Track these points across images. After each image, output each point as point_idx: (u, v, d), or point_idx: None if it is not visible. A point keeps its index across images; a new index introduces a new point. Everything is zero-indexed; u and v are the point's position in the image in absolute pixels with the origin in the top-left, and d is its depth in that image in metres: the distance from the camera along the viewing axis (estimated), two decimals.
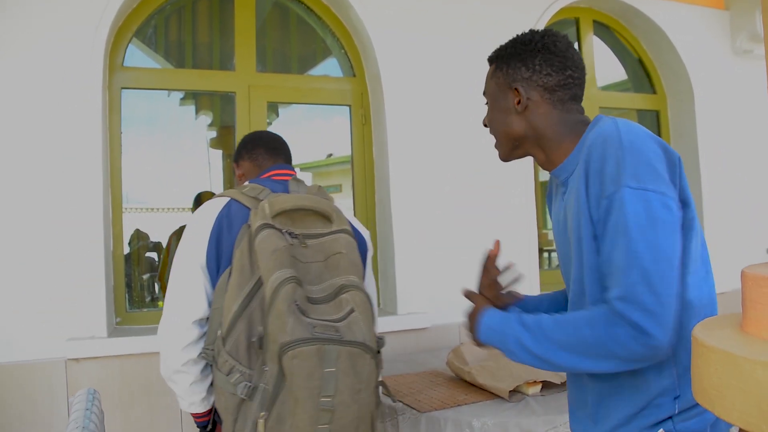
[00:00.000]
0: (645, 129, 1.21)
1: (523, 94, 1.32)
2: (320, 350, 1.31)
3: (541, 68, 1.31)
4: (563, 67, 1.31)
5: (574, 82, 1.33)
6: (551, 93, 1.32)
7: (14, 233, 2.58)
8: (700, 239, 1.23)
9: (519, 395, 2.18)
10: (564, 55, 1.32)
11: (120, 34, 2.95)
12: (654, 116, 4.33)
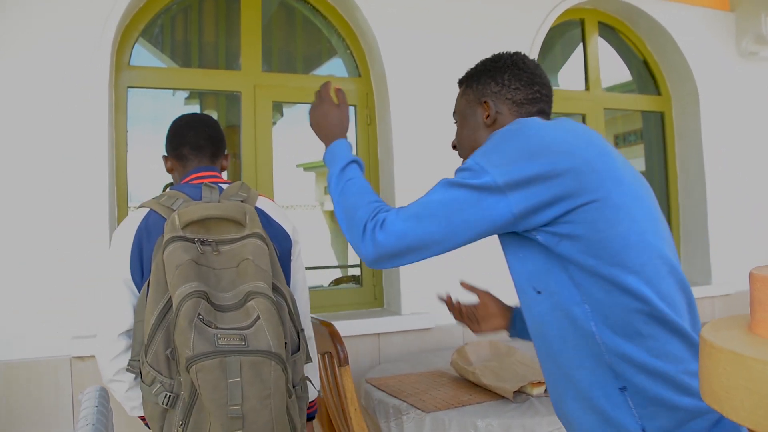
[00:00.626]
0: (567, 126, 1.25)
1: (492, 108, 1.39)
2: (222, 363, 1.35)
3: (509, 83, 1.39)
4: (531, 82, 1.38)
5: (541, 98, 1.39)
6: (519, 107, 1.38)
7: (20, 231, 2.59)
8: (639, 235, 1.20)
9: (523, 396, 2.18)
10: (532, 72, 1.40)
11: (126, 34, 2.96)
12: (659, 117, 4.33)
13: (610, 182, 1.19)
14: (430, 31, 3.34)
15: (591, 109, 4.00)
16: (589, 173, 1.17)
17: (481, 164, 1.19)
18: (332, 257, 8.40)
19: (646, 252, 1.18)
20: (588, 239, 1.16)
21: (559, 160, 1.16)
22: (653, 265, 1.18)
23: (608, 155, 1.23)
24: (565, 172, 1.15)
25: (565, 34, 4.18)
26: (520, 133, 1.22)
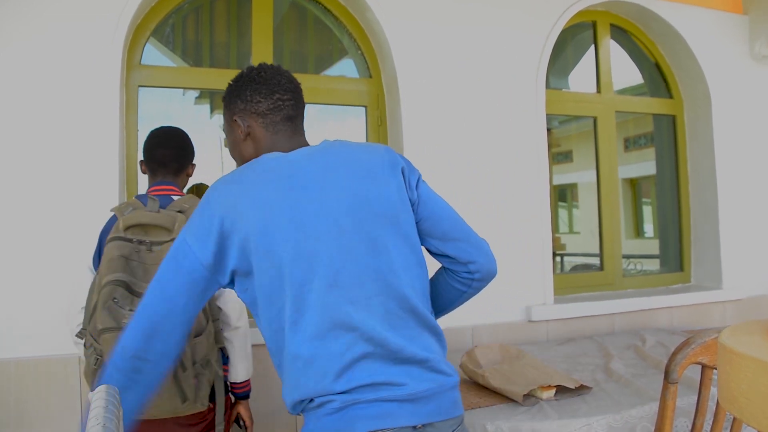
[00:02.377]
0: (218, 184, 1.38)
1: (242, 123, 1.50)
2: (113, 337, 1.69)
3: (251, 97, 1.49)
4: (270, 92, 1.48)
5: (284, 105, 1.50)
6: (264, 117, 1.49)
7: (30, 230, 2.60)
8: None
9: (533, 399, 2.17)
10: (270, 82, 1.49)
11: (138, 33, 2.97)
12: (670, 121, 4.30)
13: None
14: (441, 32, 3.34)
15: (602, 111, 3.98)
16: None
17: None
18: None
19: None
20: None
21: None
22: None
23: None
24: None
25: (576, 37, 4.16)
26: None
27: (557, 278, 3.67)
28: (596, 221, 4.02)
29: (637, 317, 3.71)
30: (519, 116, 3.48)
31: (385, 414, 1.29)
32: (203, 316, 1.90)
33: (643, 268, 4.89)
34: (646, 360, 2.78)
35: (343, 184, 1.37)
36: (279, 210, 1.31)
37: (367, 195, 1.37)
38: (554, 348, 3.12)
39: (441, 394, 1.36)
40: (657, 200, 4.51)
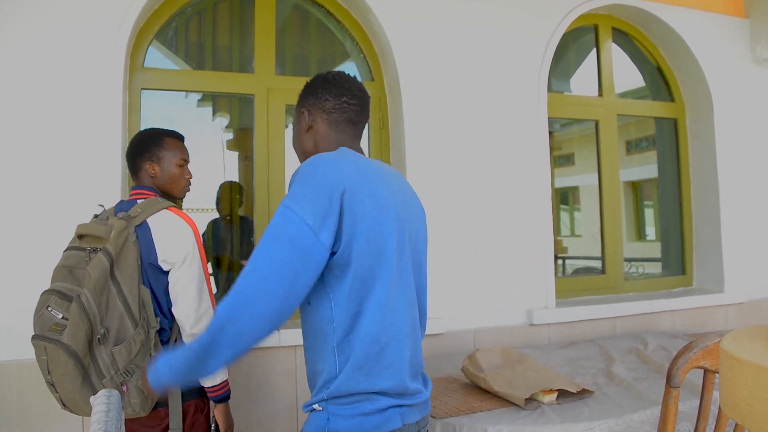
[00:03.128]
0: (328, 159, 1.44)
1: (307, 116, 1.63)
2: (38, 345, 1.85)
3: (321, 94, 1.62)
4: (339, 94, 1.61)
5: (349, 107, 1.62)
6: (329, 114, 1.61)
7: (34, 232, 2.60)
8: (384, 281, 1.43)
9: (534, 403, 2.17)
10: (341, 85, 1.62)
11: (141, 36, 2.98)
12: (672, 124, 4.31)
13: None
14: (443, 35, 3.34)
15: (604, 115, 3.99)
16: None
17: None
18: None
19: None
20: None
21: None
22: None
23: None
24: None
25: (578, 40, 4.17)
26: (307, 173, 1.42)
27: (559, 281, 3.67)
28: (598, 224, 4.02)
29: (639, 321, 3.71)
30: (521, 119, 3.48)
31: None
32: (131, 323, 1.89)
33: (645, 271, 4.88)
34: (648, 364, 2.78)
35: (413, 203, 1.63)
36: (390, 208, 1.45)
37: (422, 222, 1.66)
38: (556, 352, 3.12)
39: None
40: (659, 203, 4.51)
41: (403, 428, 1.44)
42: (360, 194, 1.38)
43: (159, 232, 1.97)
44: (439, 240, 3.24)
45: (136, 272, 1.92)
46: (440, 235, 3.24)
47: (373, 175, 1.45)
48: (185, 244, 1.97)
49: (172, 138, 2.17)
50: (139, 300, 1.92)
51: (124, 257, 1.91)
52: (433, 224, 3.21)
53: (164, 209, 2.00)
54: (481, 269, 3.34)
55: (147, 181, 2.14)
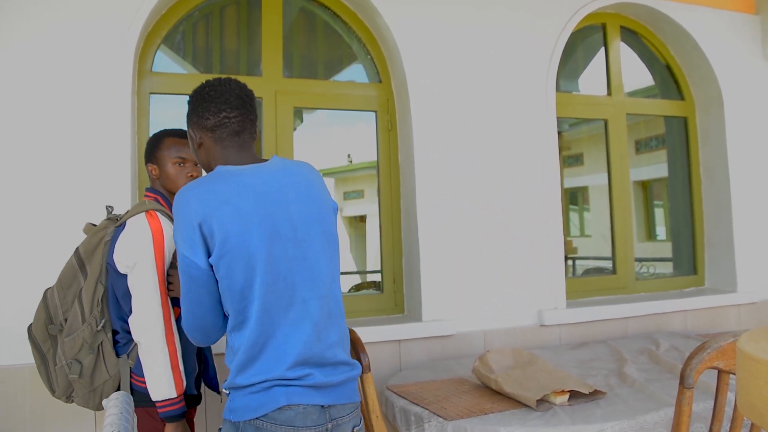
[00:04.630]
0: (187, 193, 1.56)
1: (195, 135, 1.69)
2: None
3: (202, 112, 1.66)
4: (218, 110, 1.64)
5: (230, 122, 1.65)
6: (212, 132, 1.66)
7: (44, 236, 2.61)
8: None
9: (546, 404, 2.16)
10: (218, 100, 1.65)
11: (149, 41, 2.98)
12: (682, 123, 4.28)
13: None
14: (451, 37, 3.33)
15: (613, 114, 3.97)
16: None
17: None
18: (351, 263, 8.40)
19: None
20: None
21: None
22: None
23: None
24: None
25: (586, 39, 4.15)
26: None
27: (569, 282, 3.65)
28: (608, 224, 4.00)
29: (651, 321, 3.68)
30: (529, 119, 3.46)
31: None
32: (80, 317, 1.98)
33: (655, 271, 4.86)
34: (660, 364, 2.76)
35: (302, 200, 1.62)
36: (255, 219, 1.53)
37: (319, 211, 1.65)
38: (567, 352, 3.10)
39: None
40: (669, 203, 4.48)
41: (294, 408, 1.52)
42: (216, 219, 1.50)
43: (123, 234, 1.98)
44: (448, 241, 3.23)
45: (98, 271, 1.98)
46: (449, 236, 3.23)
47: (236, 192, 1.54)
48: (139, 250, 1.94)
49: (171, 137, 2.16)
50: (93, 297, 1.98)
51: (94, 256, 2.00)
52: (441, 225, 3.23)
53: (142, 212, 2.00)
54: (490, 270, 3.33)
55: (153, 183, 2.17)
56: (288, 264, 1.56)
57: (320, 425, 1.55)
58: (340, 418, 1.60)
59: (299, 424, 1.52)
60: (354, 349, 2.04)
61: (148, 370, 1.91)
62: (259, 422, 1.51)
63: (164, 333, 1.91)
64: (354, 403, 1.67)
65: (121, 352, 2.01)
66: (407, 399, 2.33)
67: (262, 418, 1.51)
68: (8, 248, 2.60)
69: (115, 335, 2.02)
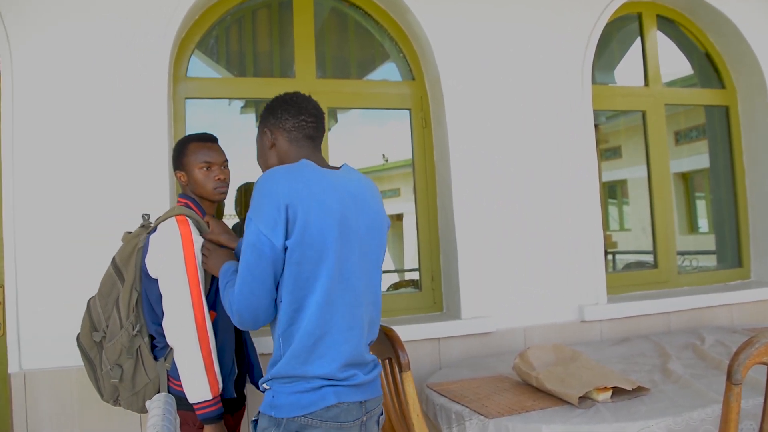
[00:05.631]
0: (278, 174, 1.64)
1: (269, 135, 1.81)
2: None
3: (281, 115, 1.79)
4: (298, 113, 1.78)
5: (307, 125, 1.79)
6: (289, 132, 1.79)
7: (87, 240, 2.67)
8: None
9: (589, 401, 2.13)
10: (298, 105, 1.80)
11: (183, 46, 3.03)
12: (723, 112, 4.18)
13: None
14: (483, 32, 3.31)
15: (651, 105, 3.89)
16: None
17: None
18: (389, 262, 8.40)
19: None
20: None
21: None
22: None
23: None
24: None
25: (622, 29, 4.08)
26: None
27: (610, 277, 3.59)
28: (648, 218, 3.93)
29: (695, 315, 3.60)
30: (565, 113, 3.42)
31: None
32: (118, 323, 2.04)
33: (698, 264, 4.75)
34: (706, 360, 2.70)
35: (371, 210, 1.76)
36: (333, 218, 1.61)
37: (379, 223, 1.79)
38: (608, 348, 3.06)
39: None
40: (711, 194, 4.38)
41: (341, 405, 1.61)
42: (303, 206, 1.57)
43: (154, 239, 2.02)
44: (486, 237, 3.21)
45: (133, 277, 2.04)
46: (486, 233, 3.21)
47: (321, 187, 1.63)
48: (168, 253, 1.96)
49: (195, 142, 2.16)
50: (129, 303, 2.03)
51: (129, 263, 2.06)
52: (478, 221, 3.21)
53: (172, 217, 2.02)
54: (529, 266, 3.30)
55: (184, 189, 2.19)
56: (352, 267, 1.66)
57: (358, 419, 1.66)
58: (372, 411, 1.72)
59: (343, 419, 1.61)
60: (393, 347, 2.05)
61: (183, 373, 1.93)
62: (305, 419, 1.58)
63: (197, 335, 1.93)
64: (380, 396, 1.78)
65: (159, 356, 2.05)
66: (447, 397, 2.33)
67: (309, 415, 1.58)
68: (52, 256, 2.67)
69: (153, 340, 2.06)
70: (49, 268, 2.66)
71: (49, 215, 2.67)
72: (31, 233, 2.65)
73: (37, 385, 2.62)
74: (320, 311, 1.60)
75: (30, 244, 2.65)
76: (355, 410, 1.65)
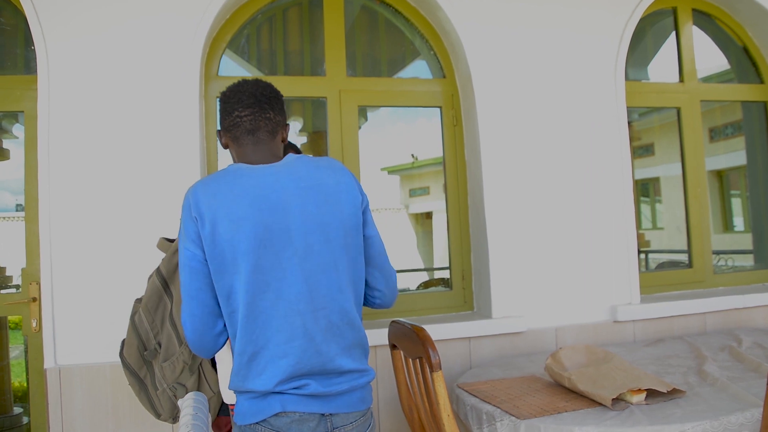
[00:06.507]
0: (206, 180, 1.61)
1: (221, 138, 1.75)
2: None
3: (222, 115, 1.72)
4: (231, 110, 1.69)
5: (242, 121, 1.68)
6: (228, 131, 1.71)
7: (120, 239, 2.71)
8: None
9: (622, 403, 2.09)
10: (232, 99, 1.70)
11: (214, 46, 3.05)
12: (761, 108, 4.08)
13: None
14: (514, 28, 3.28)
15: (686, 101, 3.82)
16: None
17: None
18: (418, 260, 8.38)
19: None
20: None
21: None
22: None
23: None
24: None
25: (656, 24, 4.01)
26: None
27: (643, 276, 3.54)
28: (682, 216, 3.86)
29: (731, 316, 3.53)
30: (598, 110, 3.37)
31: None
32: (176, 341, 1.95)
33: (734, 264, 4.66)
34: (744, 362, 2.64)
35: (304, 208, 1.59)
36: (246, 224, 1.53)
37: (324, 219, 1.60)
38: (642, 349, 3.01)
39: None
40: (749, 192, 4.29)
41: (289, 414, 1.54)
42: (209, 216, 1.52)
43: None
44: (518, 236, 3.18)
45: None
46: (518, 231, 3.18)
47: (232, 194, 1.55)
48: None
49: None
50: None
51: (176, 276, 1.97)
52: (510, 220, 3.18)
53: None
54: (561, 265, 3.26)
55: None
56: (279, 274, 1.55)
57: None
58: (343, 427, 1.61)
59: (295, 429, 1.55)
60: (424, 347, 2.03)
61: (222, 375, 1.93)
62: (259, 427, 1.54)
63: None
64: (360, 412, 1.66)
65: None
66: (478, 397, 2.31)
67: (261, 423, 1.54)
68: (87, 253, 2.71)
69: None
70: (84, 265, 2.70)
71: (84, 213, 2.71)
72: (66, 230, 2.69)
73: (72, 381, 2.66)
74: (247, 328, 1.53)
75: (65, 241, 2.69)
76: (312, 422, 1.56)
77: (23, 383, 3.97)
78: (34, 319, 2.75)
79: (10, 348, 3.99)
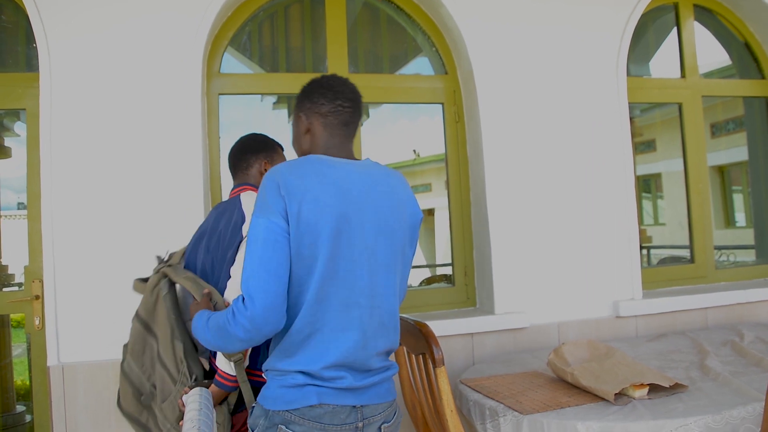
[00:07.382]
0: (291, 163, 1.62)
1: (305, 120, 1.74)
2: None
3: (317, 99, 1.72)
4: (334, 98, 1.71)
5: (344, 110, 1.72)
6: (324, 117, 1.71)
7: (120, 238, 2.72)
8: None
9: (625, 398, 2.10)
10: (335, 89, 1.73)
11: (216, 43, 3.05)
12: (762, 103, 4.08)
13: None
14: (516, 25, 3.28)
15: (688, 97, 3.82)
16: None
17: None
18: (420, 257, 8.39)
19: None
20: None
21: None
22: None
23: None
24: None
25: (657, 20, 4.01)
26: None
27: (645, 272, 3.54)
28: (684, 212, 3.86)
29: (733, 311, 3.53)
30: (600, 106, 3.37)
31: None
32: (170, 380, 1.91)
33: (736, 259, 4.67)
34: (746, 357, 2.64)
35: (379, 210, 1.65)
36: (330, 213, 1.55)
37: (394, 224, 1.68)
38: (644, 344, 3.02)
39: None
40: (751, 188, 4.29)
41: (324, 407, 1.57)
42: (296, 197, 1.53)
43: (247, 205, 1.95)
44: (520, 232, 3.19)
45: (168, 329, 1.93)
46: (520, 227, 3.19)
47: (319, 181, 1.57)
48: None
49: (280, 149, 2.21)
50: (174, 356, 1.91)
51: (156, 315, 1.96)
52: (512, 216, 3.18)
53: (246, 191, 2.03)
54: (563, 261, 3.26)
55: (254, 179, 2.15)
56: (350, 265, 1.59)
57: (350, 424, 1.61)
58: (372, 417, 1.65)
59: (327, 421, 1.58)
60: (427, 342, 2.04)
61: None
62: (289, 414, 1.56)
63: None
64: (387, 402, 1.71)
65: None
66: (481, 393, 2.32)
67: (293, 411, 1.56)
68: (89, 251, 2.72)
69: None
70: (86, 262, 2.71)
71: (87, 210, 2.72)
72: (68, 228, 2.70)
73: (75, 379, 2.67)
74: (311, 309, 1.56)
75: (68, 238, 2.70)
76: (343, 414, 1.59)
77: (26, 381, 3.98)
78: (37, 316, 2.76)
79: (13, 346, 3.99)
